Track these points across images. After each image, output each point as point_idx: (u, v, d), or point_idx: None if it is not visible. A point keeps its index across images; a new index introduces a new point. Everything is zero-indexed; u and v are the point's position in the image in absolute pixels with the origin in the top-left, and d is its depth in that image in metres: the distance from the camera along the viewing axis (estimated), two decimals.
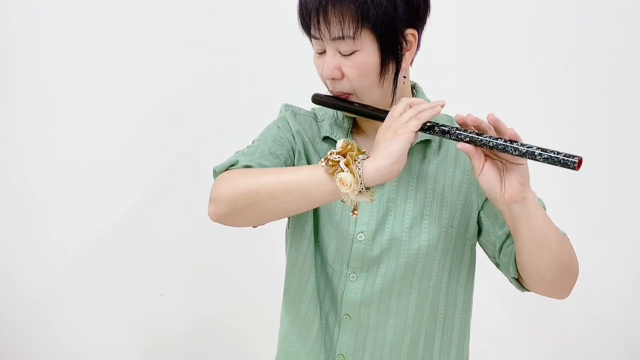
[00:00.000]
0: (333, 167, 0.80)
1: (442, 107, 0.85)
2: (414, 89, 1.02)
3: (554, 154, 0.74)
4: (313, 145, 1.01)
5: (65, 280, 1.89)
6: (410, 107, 0.84)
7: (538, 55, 1.84)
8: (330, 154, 0.81)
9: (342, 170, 0.79)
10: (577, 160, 0.72)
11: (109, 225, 1.88)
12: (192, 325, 1.96)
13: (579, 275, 0.92)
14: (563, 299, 0.94)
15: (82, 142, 1.83)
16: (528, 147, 0.76)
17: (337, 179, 0.79)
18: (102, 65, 1.80)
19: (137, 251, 1.90)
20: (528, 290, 0.96)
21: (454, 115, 1.04)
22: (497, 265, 0.99)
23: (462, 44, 1.84)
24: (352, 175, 0.79)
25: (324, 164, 0.81)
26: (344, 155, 0.81)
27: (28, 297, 1.89)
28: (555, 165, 0.74)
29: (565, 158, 0.73)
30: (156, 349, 1.96)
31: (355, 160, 0.80)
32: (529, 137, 1.78)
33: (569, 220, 1.17)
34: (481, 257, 1.04)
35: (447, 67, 1.79)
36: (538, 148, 0.75)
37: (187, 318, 1.95)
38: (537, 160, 0.76)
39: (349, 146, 0.82)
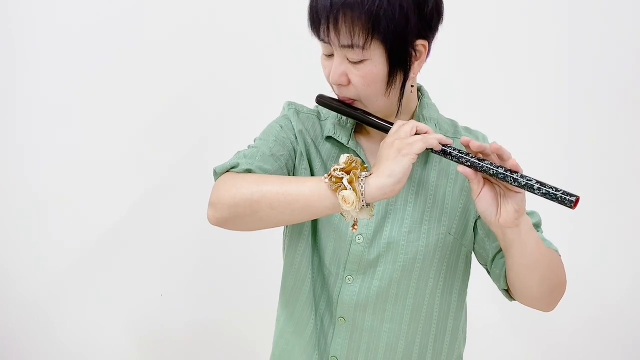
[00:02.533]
0: (336, 184, 0.80)
1: (450, 145, 0.84)
2: (420, 92, 1.02)
3: (553, 190, 0.74)
4: (315, 145, 1.00)
5: (65, 280, 1.89)
6: (416, 132, 0.85)
7: (538, 55, 1.83)
8: (334, 169, 0.81)
9: (345, 188, 0.79)
10: (574, 200, 0.73)
11: (109, 225, 1.88)
12: (192, 325, 1.96)
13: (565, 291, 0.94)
14: (548, 312, 0.96)
15: (82, 142, 1.83)
16: (527, 180, 0.76)
17: (340, 197, 0.80)
18: (103, 65, 1.80)
19: (137, 251, 1.90)
20: (515, 300, 0.97)
21: (457, 121, 1.05)
22: (488, 272, 1.00)
23: (463, 46, 1.83)
24: (354, 194, 0.79)
25: (327, 180, 0.81)
26: (347, 172, 0.81)
27: (28, 296, 1.89)
28: (552, 201, 0.75)
29: (563, 196, 0.74)
30: (156, 348, 1.96)
31: (358, 177, 0.80)
32: (530, 138, 1.80)
33: (566, 221, 1.17)
34: (474, 260, 1.04)
35: (448, 68, 1.79)
36: (537, 182, 0.76)
37: (187, 318, 1.95)
38: (535, 194, 0.76)
39: (353, 163, 0.82)
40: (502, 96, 1.85)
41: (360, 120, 0.93)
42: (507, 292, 0.96)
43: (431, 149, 0.84)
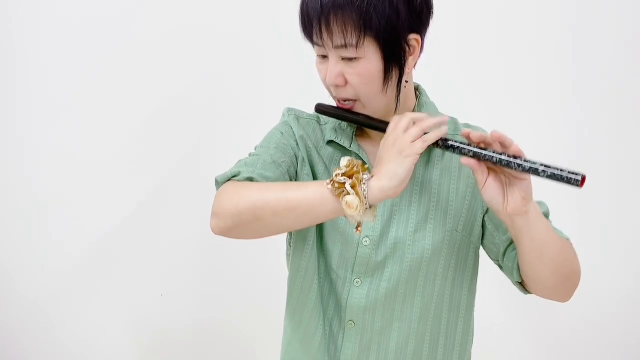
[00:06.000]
0: (339, 189, 0.80)
1: (446, 124, 0.85)
2: (417, 90, 1.02)
3: (558, 170, 0.74)
4: (317, 150, 1.00)
5: (65, 280, 1.89)
6: (414, 123, 0.84)
7: (539, 54, 1.83)
8: (336, 175, 0.81)
9: (348, 193, 0.79)
10: (580, 178, 0.73)
11: (110, 226, 1.88)
12: (192, 325, 1.95)
13: (580, 280, 0.93)
14: (564, 302, 0.95)
15: (83, 142, 1.83)
16: (532, 164, 0.76)
17: (344, 202, 0.80)
18: (103, 65, 1.80)
19: (138, 251, 1.90)
20: (531, 293, 0.97)
21: (457, 118, 1.04)
22: (500, 267, 1.00)
23: (463, 43, 1.83)
24: (358, 198, 0.79)
25: (329, 185, 0.81)
26: (350, 177, 0.81)
27: (28, 297, 1.88)
28: (559, 181, 0.75)
29: (569, 175, 0.74)
30: (156, 349, 1.96)
31: (360, 181, 0.80)
32: (532, 135, 1.78)
33: (569, 220, 1.17)
34: (482, 257, 1.04)
35: (448, 66, 1.79)
36: (542, 164, 0.76)
37: (187, 318, 1.95)
38: (540, 177, 0.76)
39: (355, 167, 0.82)
40: (503, 93, 1.85)
41: (360, 123, 0.94)
42: (521, 285, 0.96)
43: (433, 143, 0.84)
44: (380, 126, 0.91)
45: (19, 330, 1.90)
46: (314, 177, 0.99)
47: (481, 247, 1.03)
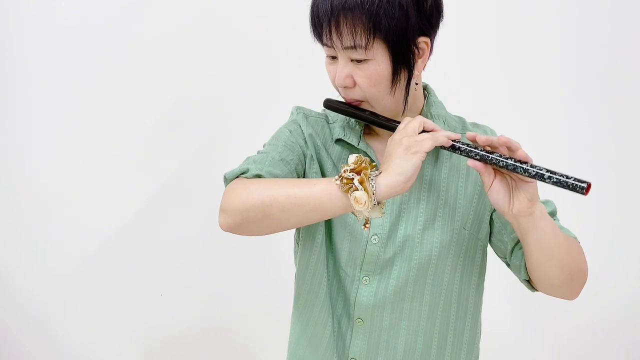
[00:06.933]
0: (347, 185, 0.81)
1: (459, 138, 0.85)
2: (426, 90, 1.03)
3: (563, 177, 0.75)
4: (325, 149, 1.01)
5: (66, 281, 1.88)
6: (424, 129, 0.86)
7: (541, 54, 1.85)
8: (344, 171, 0.82)
9: (357, 189, 0.80)
10: (585, 186, 0.74)
11: (111, 227, 1.87)
12: (194, 327, 1.95)
13: (587, 278, 0.94)
14: (571, 300, 0.96)
15: (84, 142, 1.82)
16: (538, 170, 0.77)
17: (352, 198, 0.80)
18: (108, 64, 1.80)
19: (139, 252, 1.89)
20: (538, 291, 0.97)
21: (465, 118, 1.05)
22: (508, 265, 1.00)
23: (464, 43, 1.84)
24: (366, 194, 0.80)
25: (338, 181, 0.82)
26: (358, 173, 0.81)
27: (29, 298, 1.88)
28: (564, 188, 0.75)
29: (574, 182, 0.74)
30: (157, 350, 1.95)
31: (369, 177, 0.81)
32: (534, 137, 1.79)
33: (575, 221, 1.18)
34: (489, 256, 1.04)
35: (449, 66, 1.79)
36: (548, 171, 0.76)
37: (188, 319, 1.95)
38: (546, 183, 0.77)
39: (363, 163, 0.82)
40: (504, 93, 1.86)
41: (368, 121, 0.94)
42: (529, 283, 0.97)
43: (440, 145, 0.85)
44: (389, 125, 0.92)
45: (20, 330, 1.89)
46: (323, 176, 1.00)
47: (489, 246, 1.03)
